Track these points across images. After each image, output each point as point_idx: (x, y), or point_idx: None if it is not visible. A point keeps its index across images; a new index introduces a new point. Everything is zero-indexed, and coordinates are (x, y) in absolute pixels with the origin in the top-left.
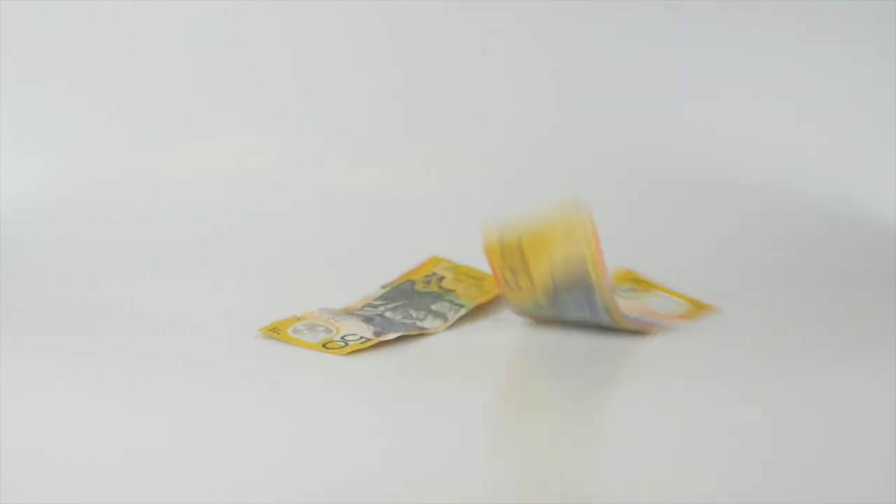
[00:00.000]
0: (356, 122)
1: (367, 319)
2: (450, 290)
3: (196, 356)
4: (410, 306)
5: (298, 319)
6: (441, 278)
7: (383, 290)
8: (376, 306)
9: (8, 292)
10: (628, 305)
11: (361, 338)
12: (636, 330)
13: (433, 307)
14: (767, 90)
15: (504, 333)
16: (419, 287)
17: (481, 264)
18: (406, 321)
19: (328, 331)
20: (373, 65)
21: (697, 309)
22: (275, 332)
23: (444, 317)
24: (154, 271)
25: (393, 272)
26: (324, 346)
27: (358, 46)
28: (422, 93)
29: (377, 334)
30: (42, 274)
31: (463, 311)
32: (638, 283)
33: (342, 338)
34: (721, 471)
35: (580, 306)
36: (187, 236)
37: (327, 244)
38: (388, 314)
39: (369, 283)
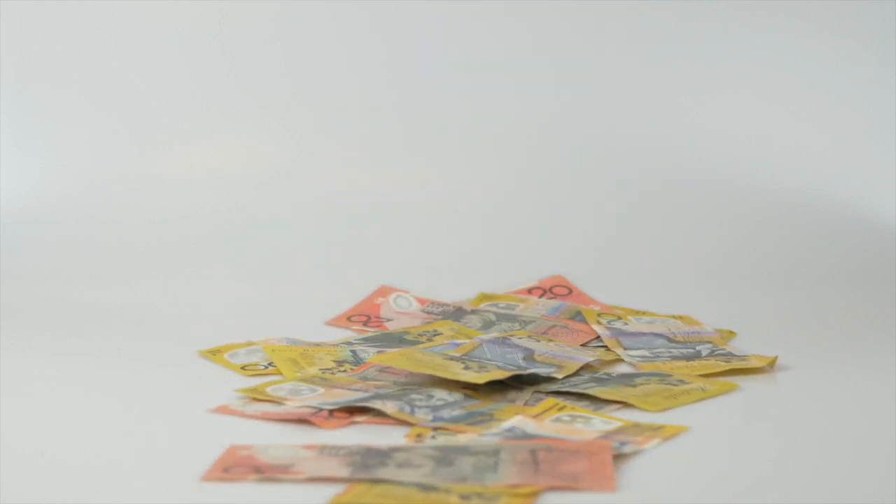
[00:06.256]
0: (353, 122)
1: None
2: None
3: (195, 356)
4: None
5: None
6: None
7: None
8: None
9: (8, 292)
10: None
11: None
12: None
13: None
14: (769, 91)
15: None
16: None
17: (483, 264)
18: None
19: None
20: (369, 65)
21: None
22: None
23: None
24: (154, 271)
25: (387, 271)
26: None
27: (354, 47)
28: (420, 93)
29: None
30: (42, 274)
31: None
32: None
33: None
34: (721, 470)
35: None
36: (186, 236)
37: (325, 244)
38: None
39: (364, 282)
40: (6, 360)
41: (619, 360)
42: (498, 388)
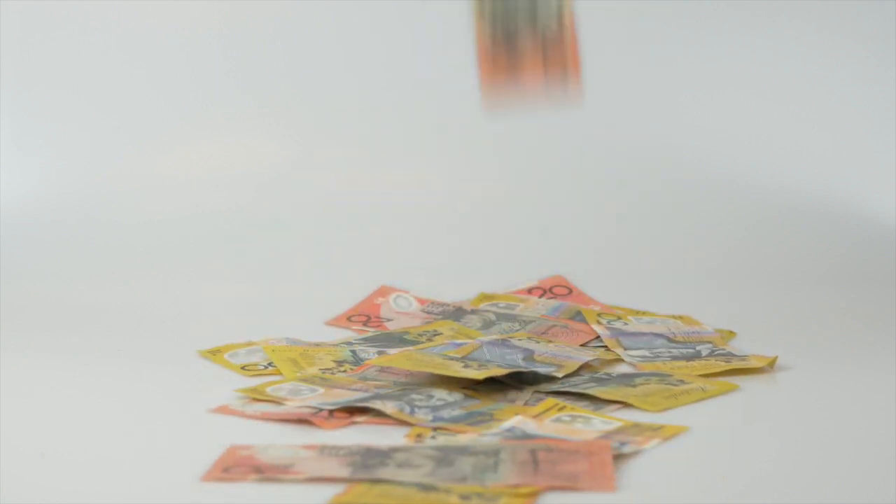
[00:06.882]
0: (353, 122)
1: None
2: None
3: (195, 356)
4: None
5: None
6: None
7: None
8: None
9: (8, 292)
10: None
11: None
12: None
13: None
14: (769, 91)
15: None
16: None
17: (483, 264)
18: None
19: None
20: (369, 65)
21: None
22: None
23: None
24: (154, 271)
25: (387, 271)
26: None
27: (354, 47)
28: (420, 93)
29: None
30: (42, 274)
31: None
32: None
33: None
34: (721, 470)
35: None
36: (186, 236)
37: (325, 244)
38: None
39: (364, 282)
40: (6, 360)
41: (619, 360)
42: (498, 388)
